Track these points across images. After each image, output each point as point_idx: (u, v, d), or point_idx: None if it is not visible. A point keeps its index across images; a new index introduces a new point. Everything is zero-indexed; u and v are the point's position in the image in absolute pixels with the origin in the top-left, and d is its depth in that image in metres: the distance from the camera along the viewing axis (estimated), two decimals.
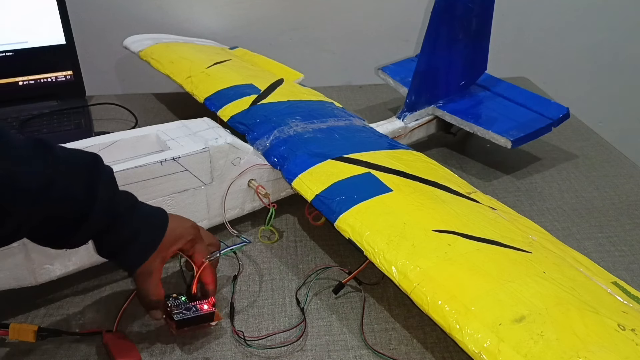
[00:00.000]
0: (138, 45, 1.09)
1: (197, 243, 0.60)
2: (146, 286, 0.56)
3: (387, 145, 0.77)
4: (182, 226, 0.59)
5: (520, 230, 0.62)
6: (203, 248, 0.60)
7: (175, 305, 0.57)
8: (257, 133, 0.76)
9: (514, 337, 0.47)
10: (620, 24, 1.43)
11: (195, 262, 0.59)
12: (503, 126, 0.89)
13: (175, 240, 0.57)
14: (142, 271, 0.55)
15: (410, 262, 0.55)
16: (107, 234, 0.53)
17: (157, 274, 0.56)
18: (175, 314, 0.56)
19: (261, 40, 1.32)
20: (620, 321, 0.49)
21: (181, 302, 0.58)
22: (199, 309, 0.57)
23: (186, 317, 0.56)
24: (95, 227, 0.52)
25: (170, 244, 0.57)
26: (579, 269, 0.57)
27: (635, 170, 0.94)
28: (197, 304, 0.57)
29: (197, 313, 0.57)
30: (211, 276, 0.60)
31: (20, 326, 0.55)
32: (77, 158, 0.52)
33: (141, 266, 0.55)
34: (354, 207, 0.62)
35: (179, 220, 0.59)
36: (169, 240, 0.57)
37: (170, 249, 0.57)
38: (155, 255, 0.55)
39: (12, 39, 1.03)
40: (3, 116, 1.00)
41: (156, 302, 0.56)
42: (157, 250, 0.56)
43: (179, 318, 0.56)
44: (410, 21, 1.35)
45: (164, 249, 0.56)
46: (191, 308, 0.57)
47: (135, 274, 0.55)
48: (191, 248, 0.59)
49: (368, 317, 0.63)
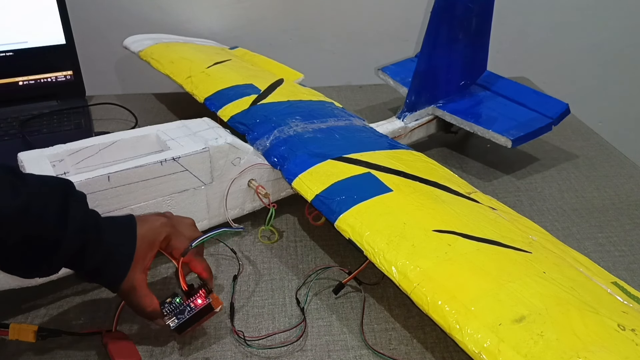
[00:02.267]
0: (138, 45, 1.09)
1: (173, 239, 0.58)
2: (136, 301, 0.54)
3: (387, 145, 0.77)
4: (152, 229, 0.56)
5: (520, 230, 0.62)
6: (181, 242, 0.58)
7: (169, 312, 0.55)
8: (257, 133, 0.76)
9: (514, 337, 0.47)
10: (621, 24, 1.43)
11: (175, 258, 0.58)
12: (503, 125, 0.89)
13: (150, 246, 0.55)
14: (125, 287, 0.54)
15: (410, 262, 0.55)
16: (82, 258, 0.52)
17: (142, 285, 0.55)
18: (171, 321, 0.55)
19: (261, 40, 1.32)
20: (620, 321, 0.49)
21: (176, 305, 0.56)
22: (194, 306, 0.55)
23: (182, 320, 0.55)
24: (69, 252, 0.50)
25: (145, 252, 0.55)
26: (579, 269, 0.57)
27: (635, 170, 0.94)
28: (190, 302, 0.56)
29: (192, 311, 0.55)
30: (200, 265, 0.58)
31: (20, 326, 0.55)
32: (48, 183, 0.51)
33: (123, 282, 0.54)
34: (354, 207, 0.62)
35: (148, 223, 0.56)
36: (143, 248, 0.55)
37: (147, 255, 0.55)
38: (133, 268, 0.54)
39: (12, 39, 1.03)
40: (3, 116, 1.00)
41: (152, 314, 0.55)
42: (134, 262, 0.54)
43: (174, 325, 0.55)
44: (410, 21, 1.35)
45: (141, 259, 0.55)
46: (185, 309, 0.55)
47: (121, 291, 0.54)
48: (167, 246, 0.58)
49: (368, 317, 0.63)
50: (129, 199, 0.63)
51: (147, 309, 0.55)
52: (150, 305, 0.55)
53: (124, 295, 0.55)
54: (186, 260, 0.58)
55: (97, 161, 0.68)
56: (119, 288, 0.54)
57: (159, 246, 0.57)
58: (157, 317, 0.56)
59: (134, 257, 0.54)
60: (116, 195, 0.62)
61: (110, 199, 0.62)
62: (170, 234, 0.57)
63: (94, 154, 0.68)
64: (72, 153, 0.66)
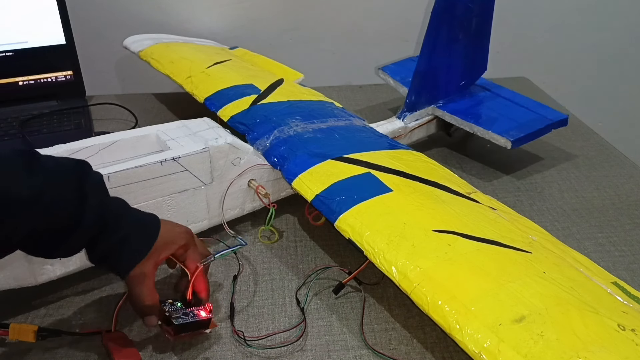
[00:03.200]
0: (138, 45, 1.09)
1: (190, 249, 0.59)
2: (139, 290, 0.55)
3: (387, 145, 0.77)
4: (175, 231, 0.58)
5: (520, 230, 0.62)
6: (196, 254, 0.59)
7: (173, 310, 0.56)
8: (257, 133, 0.76)
9: (514, 337, 0.47)
10: (620, 24, 1.43)
11: (189, 268, 0.59)
12: (503, 126, 0.89)
13: (168, 245, 0.56)
14: (135, 274, 0.54)
15: (410, 262, 0.55)
16: (99, 239, 0.53)
17: (151, 277, 0.55)
18: (174, 318, 0.55)
19: (261, 40, 1.32)
20: (621, 321, 0.49)
21: (178, 308, 0.57)
22: (197, 314, 0.56)
23: (185, 322, 0.55)
24: (88, 234, 0.51)
25: (162, 248, 0.56)
26: (579, 269, 0.57)
27: (635, 170, 0.94)
28: (194, 310, 0.57)
29: (195, 319, 0.56)
30: (203, 283, 0.59)
31: (20, 326, 0.55)
32: (64, 166, 0.52)
33: (134, 269, 0.54)
34: (354, 207, 0.62)
35: (171, 226, 0.58)
36: (161, 244, 0.56)
37: (162, 253, 0.56)
38: (148, 259, 0.55)
39: (12, 39, 1.03)
40: (3, 116, 1.00)
41: (150, 307, 0.55)
42: (150, 254, 0.55)
43: (178, 322, 0.55)
44: (410, 21, 1.35)
45: (157, 253, 0.55)
46: (189, 314, 0.56)
47: (128, 277, 0.54)
48: (184, 253, 0.59)
49: (368, 317, 0.63)
50: (129, 199, 0.63)
51: (148, 301, 0.55)
52: (152, 299, 0.55)
53: (131, 282, 0.55)
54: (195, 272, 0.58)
55: (97, 161, 0.68)
56: (128, 274, 0.54)
57: (176, 250, 0.58)
58: (152, 313, 0.55)
59: (152, 249, 0.55)
60: (116, 195, 0.62)
61: None
62: (189, 244, 0.59)
63: (94, 154, 0.68)
64: (72, 153, 0.66)
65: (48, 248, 0.51)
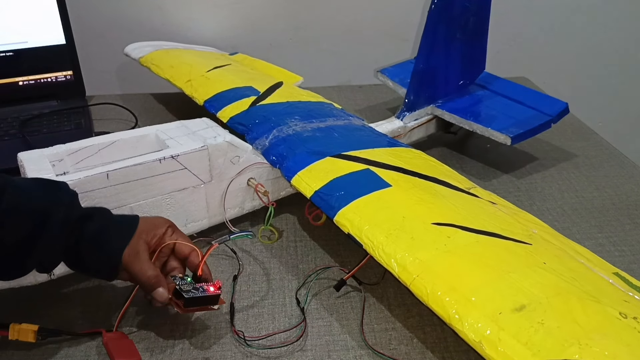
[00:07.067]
0: (139, 52, 1.10)
1: (176, 231, 0.60)
2: (138, 266, 0.55)
3: (386, 143, 0.77)
4: (155, 219, 0.60)
5: (520, 223, 0.62)
6: (186, 237, 0.60)
7: (184, 284, 0.57)
8: (257, 133, 0.76)
9: (514, 325, 0.47)
10: (621, 24, 1.43)
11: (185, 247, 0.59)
12: (502, 123, 0.89)
13: (152, 228, 0.58)
14: (128, 253, 0.55)
15: (410, 254, 0.55)
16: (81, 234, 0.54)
17: (145, 252, 0.56)
18: (185, 292, 0.55)
19: (261, 40, 1.32)
20: (622, 310, 0.49)
21: (187, 282, 0.57)
22: (206, 290, 0.57)
23: (195, 295, 0.56)
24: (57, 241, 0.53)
25: (148, 230, 0.57)
26: (580, 260, 0.57)
27: (635, 170, 0.94)
28: (203, 285, 0.57)
29: (204, 293, 0.56)
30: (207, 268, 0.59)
31: (20, 326, 0.55)
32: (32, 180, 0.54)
33: (126, 249, 0.55)
34: (353, 202, 0.62)
35: (149, 216, 0.61)
36: (145, 228, 0.57)
37: (150, 233, 0.57)
38: (137, 238, 0.56)
39: (12, 39, 1.03)
40: (3, 116, 1.00)
41: (155, 278, 0.55)
42: (137, 233, 0.56)
43: (189, 296, 0.55)
44: (409, 21, 1.35)
45: (144, 234, 0.57)
46: (199, 288, 0.57)
47: (123, 259, 0.55)
48: (173, 234, 0.59)
49: (368, 317, 0.62)
50: (127, 197, 0.63)
51: (150, 271, 0.55)
52: (153, 269, 0.56)
53: (127, 262, 0.55)
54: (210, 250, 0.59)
55: (96, 161, 0.68)
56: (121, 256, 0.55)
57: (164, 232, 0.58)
58: (158, 285, 0.55)
59: (137, 230, 0.56)
60: (115, 193, 0.62)
61: (109, 197, 0.62)
62: (173, 227, 0.60)
63: (94, 154, 0.68)
64: (71, 153, 0.66)
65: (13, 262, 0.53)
